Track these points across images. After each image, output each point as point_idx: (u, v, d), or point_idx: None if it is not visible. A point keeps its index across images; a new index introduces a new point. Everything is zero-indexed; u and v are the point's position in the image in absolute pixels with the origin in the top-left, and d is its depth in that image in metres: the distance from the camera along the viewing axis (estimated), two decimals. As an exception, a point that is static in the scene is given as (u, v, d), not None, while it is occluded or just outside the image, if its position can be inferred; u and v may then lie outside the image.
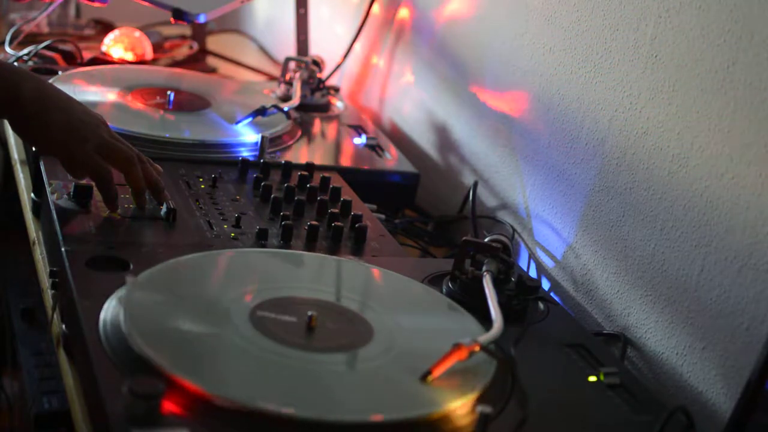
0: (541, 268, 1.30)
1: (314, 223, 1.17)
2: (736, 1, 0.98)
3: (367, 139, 1.56)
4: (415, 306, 1.05)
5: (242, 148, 1.41)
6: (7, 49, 1.80)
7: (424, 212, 1.54)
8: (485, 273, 1.06)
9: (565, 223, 1.26)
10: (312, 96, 1.71)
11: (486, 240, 1.12)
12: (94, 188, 1.15)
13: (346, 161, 1.48)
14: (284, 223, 1.16)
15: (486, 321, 0.98)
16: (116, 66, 1.82)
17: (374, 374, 0.88)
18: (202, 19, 1.66)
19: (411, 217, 1.49)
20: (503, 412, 0.85)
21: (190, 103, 1.54)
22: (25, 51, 1.74)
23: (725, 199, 0.99)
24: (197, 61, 2.06)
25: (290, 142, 1.50)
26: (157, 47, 2.01)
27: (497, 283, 1.05)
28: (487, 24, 1.49)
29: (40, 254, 1.15)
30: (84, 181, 1.15)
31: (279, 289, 0.99)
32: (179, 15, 1.66)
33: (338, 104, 1.75)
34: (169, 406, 0.76)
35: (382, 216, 1.32)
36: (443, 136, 1.60)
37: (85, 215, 1.12)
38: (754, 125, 0.96)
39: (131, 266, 1.00)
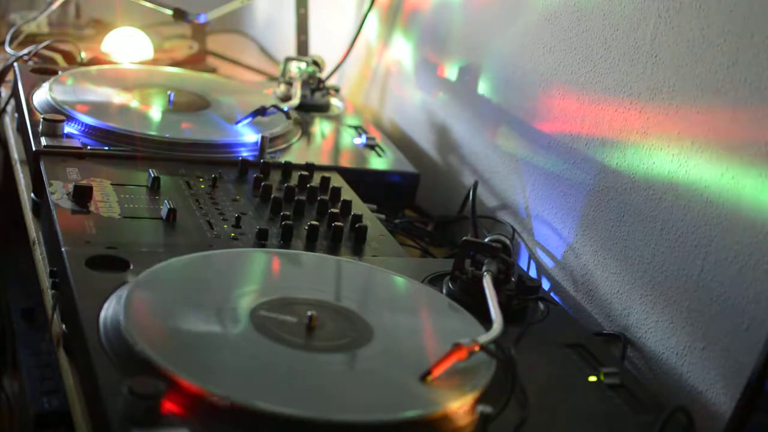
0: (541, 268, 1.30)
1: (314, 223, 1.17)
2: (736, 1, 0.98)
3: (367, 139, 1.56)
4: (415, 306, 1.05)
5: (242, 148, 1.41)
6: (7, 49, 1.80)
7: (424, 212, 1.54)
8: (485, 273, 1.06)
9: (565, 223, 1.26)
10: (312, 96, 1.71)
11: (486, 240, 1.12)
12: (94, 188, 1.15)
13: (346, 161, 1.48)
14: (284, 223, 1.16)
15: (486, 321, 0.98)
16: (116, 66, 1.82)
17: (374, 374, 0.88)
18: (202, 19, 1.67)
19: (411, 217, 1.49)
20: (503, 412, 0.84)
21: (190, 103, 1.54)
22: (25, 51, 1.74)
23: (725, 199, 0.99)
24: (197, 61, 2.06)
25: (290, 142, 1.50)
26: (157, 47, 2.01)
27: (497, 283, 1.05)
28: (488, 24, 1.49)
29: (40, 254, 1.15)
30: (84, 182, 1.15)
31: (279, 289, 0.99)
32: (179, 15, 1.67)
33: (338, 104, 1.75)
34: (169, 406, 0.76)
35: (382, 216, 1.32)
36: (443, 136, 1.60)
37: (85, 215, 1.12)
38: (754, 125, 0.96)
39: (131, 266, 1.00)
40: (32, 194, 1.26)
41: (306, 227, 1.17)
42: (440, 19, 1.64)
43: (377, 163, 1.49)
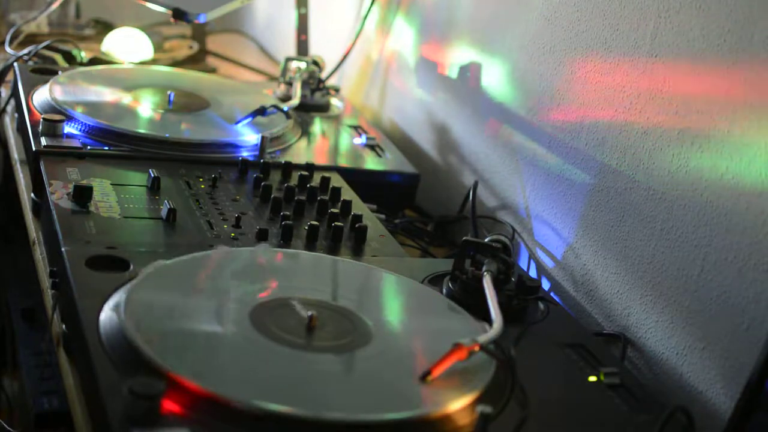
0: (541, 268, 1.30)
1: (314, 223, 1.17)
2: (736, 1, 0.98)
3: (367, 139, 1.56)
4: (415, 306, 1.05)
5: (242, 148, 1.41)
6: (7, 49, 1.80)
7: (424, 212, 1.54)
8: (485, 273, 1.06)
9: (565, 223, 1.26)
10: (312, 96, 1.71)
11: (486, 240, 1.12)
12: (94, 188, 1.15)
13: (346, 161, 1.48)
14: (284, 223, 1.16)
15: (486, 321, 0.98)
16: (116, 66, 1.82)
17: (374, 374, 0.88)
18: (202, 19, 1.66)
19: (411, 217, 1.49)
20: (503, 412, 0.85)
21: (190, 103, 1.54)
22: (25, 51, 1.74)
23: (725, 199, 0.99)
24: (197, 61, 2.06)
25: (290, 142, 1.50)
26: (157, 47, 2.01)
27: (497, 283, 1.05)
28: (487, 24, 1.49)
29: (40, 254, 1.15)
30: (84, 182, 1.15)
31: (279, 288, 0.99)
32: (179, 15, 1.67)
33: (338, 104, 1.75)
34: (169, 406, 0.76)
35: (382, 216, 1.32)
36: (443, 136, 1.60)
37: (85, 215, 1.12)
38: (754, 125, 0.96)
39: (131, 266, 1.00)
40: (32, 194, 1.26)
41: (306, 227, 1.17)
42: (440, 19, 1.64)
43: (377, 163, 1.49)
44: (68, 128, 1.34)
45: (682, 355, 1.04)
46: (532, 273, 1.32)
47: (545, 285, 1.28)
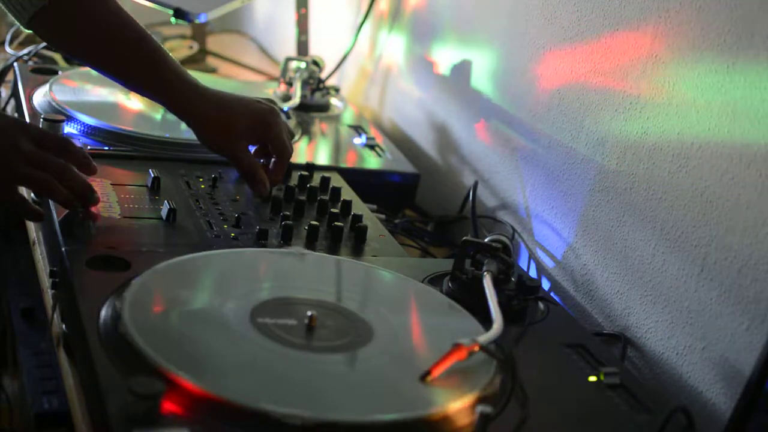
0: (541, 268, 1.30)
1: (314, 223, 1.17)
2: (736, 1, 0.98)
3: (367, 139, 1.56)
4: (415, 306, 1.05)
5: (242, 148, 1.41)
6: (7, 49, 1.80)
7: (424, 212, 1.54)
8: (485, 273, 1.06)
9: (565, 223, 1.26)
10: (312, 96, 1.71)
11: (486, 240, 1.12)
12: (94, 188, 1.15)
13: (346, 161, 1.48)
14: (284, 223, 1.16)
15: (486, 321, 0.98)
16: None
17: (374, 374, 0.88)
18: (202, 19, 1.66)
19: (411, 217, 1.49)
20: (503, 412, 0.84)
21: (190, 103, 1.54)
22: (25, 51, 1.74)
23: (725, 199, 0.99)
24: (197, 61, 2.06)
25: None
26: (157, 47, 2.01)
27: (497, 283, 1.05)
28: (488, 24, 1.49)
29: (40, 254, 1.15)
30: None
31: (279, 288, 0.99)
32: (180, 15, 1.67)
33: (338, 104, 1.75)
34: (169, 406, 0.76)
35: (382, 216, 1.32)
36: (443, 136, 1.60)
37: (85, 215, 1.12)
38: (754, 125, 0.96)
39: (131, 266, 1.00)
40: (32, 194, 1.26)
41: (306, 227, 1.17)
42: (440, 19, 1.64)
43: (377, 163, 1.49)
44: (68, 128, 1.34)
45: (682, 355, 1.04)
46: (532, 273, 1.32)
47: (545, 285, 1.28)
